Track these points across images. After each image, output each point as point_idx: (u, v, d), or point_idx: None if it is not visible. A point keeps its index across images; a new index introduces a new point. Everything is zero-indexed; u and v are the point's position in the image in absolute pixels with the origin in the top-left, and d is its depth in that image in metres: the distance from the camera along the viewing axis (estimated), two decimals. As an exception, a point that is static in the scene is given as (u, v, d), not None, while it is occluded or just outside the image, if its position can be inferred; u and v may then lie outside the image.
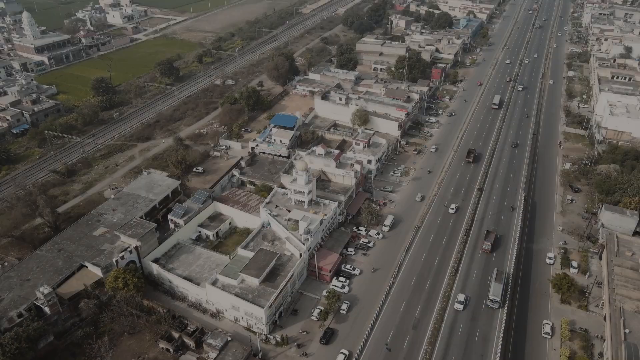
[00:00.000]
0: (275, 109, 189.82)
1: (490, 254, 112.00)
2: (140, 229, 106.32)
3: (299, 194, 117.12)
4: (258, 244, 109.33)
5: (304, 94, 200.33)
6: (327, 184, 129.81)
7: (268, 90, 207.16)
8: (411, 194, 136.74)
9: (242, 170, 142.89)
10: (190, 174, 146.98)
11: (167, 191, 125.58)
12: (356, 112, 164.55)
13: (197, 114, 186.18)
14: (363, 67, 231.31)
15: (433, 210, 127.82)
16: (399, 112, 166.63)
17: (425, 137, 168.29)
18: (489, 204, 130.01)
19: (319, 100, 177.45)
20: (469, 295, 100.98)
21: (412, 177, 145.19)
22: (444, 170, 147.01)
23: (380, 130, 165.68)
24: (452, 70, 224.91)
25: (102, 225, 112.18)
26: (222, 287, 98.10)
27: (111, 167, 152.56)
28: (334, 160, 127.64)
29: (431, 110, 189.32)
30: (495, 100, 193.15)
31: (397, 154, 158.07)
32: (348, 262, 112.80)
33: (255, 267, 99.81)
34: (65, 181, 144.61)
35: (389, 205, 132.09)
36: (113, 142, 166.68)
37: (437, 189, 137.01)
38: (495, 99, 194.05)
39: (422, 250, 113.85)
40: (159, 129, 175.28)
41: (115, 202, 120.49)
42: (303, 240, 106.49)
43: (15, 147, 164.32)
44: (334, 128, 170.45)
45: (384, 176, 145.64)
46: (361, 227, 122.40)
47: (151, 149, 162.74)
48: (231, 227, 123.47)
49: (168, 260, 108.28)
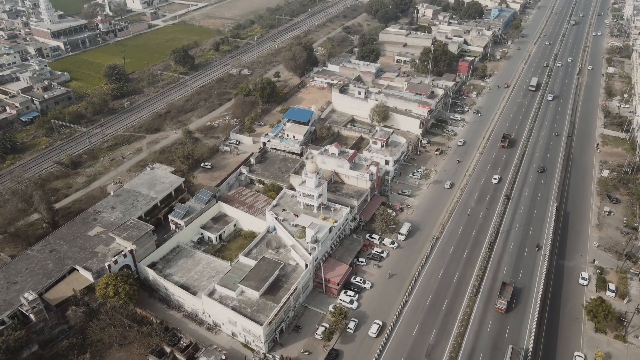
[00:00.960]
0: (291, 101, 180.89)
1: (505, 312, 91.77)
2: (136, 231, 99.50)
3: (308, 197, 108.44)
4: (261, 252, 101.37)
5: (322, 86, 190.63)
6: (340, 186, 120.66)
7: (285, 82, 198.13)
8: (431, 198, 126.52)
9: (251, 168, 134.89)
10: (197, 169, 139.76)
11: (169, 189, 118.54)
12: (375, 108, 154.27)
13: (210, 105, 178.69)
14: (386, 58, 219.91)
15: (454, 218, 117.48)
16: (421, 108, 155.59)
17: (449, 136, 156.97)
18: (516, 214, 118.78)
19: (336, 94, 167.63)
20: (491, 320, 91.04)
21: (432, 180, 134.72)
22: (467, 174, 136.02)
23: (400, 127, 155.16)
24: (481, 64, 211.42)
25: (98, 224, 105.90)
26: (220, 298, 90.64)
27: (117, 159, 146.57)
28: (347, 161, 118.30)
29: (456, 106, 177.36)
30: (532, 82, 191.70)
31: (418, 154, 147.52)
32: (359, 273, 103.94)
33: (256, 278, 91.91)
34: (69, 173, 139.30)
35: (406, 211, 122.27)
36: (121, 133, 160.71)
37: (460, 194, 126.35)
38: (533, 81, 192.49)
39: (440, 264, 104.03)
40: (169, 120, 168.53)
41: (114, 199, 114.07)
42: (310, 250, 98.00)
43: (23, 135, 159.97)
44: (352, 124, 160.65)
45: (403, 178, 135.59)
46: (375, 235, 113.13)
47: (160, 141, 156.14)
48: (236, 230, 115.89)
49: (166, 265, 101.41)
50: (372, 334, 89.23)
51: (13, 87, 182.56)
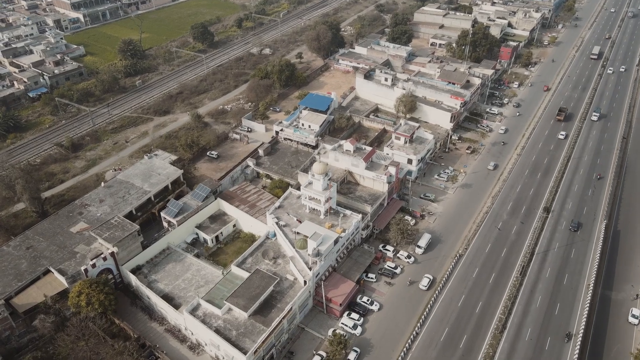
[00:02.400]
0: (311, 86, 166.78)
1: None
2: (120, 231, 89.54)
3: (314, 201, 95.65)
4: (257, 261, 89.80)
5: (347, 69, 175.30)
6: (353, 187, 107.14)
7: (307, 63, 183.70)
8: (457, 205, 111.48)
9: (259, 160, 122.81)
10: (202, 158, 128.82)
11: (166, 182, 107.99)
12: (401, 97, 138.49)
13: (225, 86, 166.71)
14: (419, 41, 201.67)
15: (482, 232, 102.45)
16: (453, 100, 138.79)
17: (483, 133, 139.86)
18: (556, 232, 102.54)
19: (360, 80, 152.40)
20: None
21: (461, 182, 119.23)
22: (500, 178, 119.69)
23: (428, 120, 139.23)
24: (526, 50, 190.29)
25: (83, 219, 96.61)
26: (204, 315, 79.90)
27: (120, 143, 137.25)
28: (363, 160, 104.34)
29: (494, 98, 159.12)
30: (594, 51, 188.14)
31: (446, 151, 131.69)
32: (366, 291, 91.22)
33: (245, 294, 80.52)
34: (68, 156, 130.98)
35: (428, 219, 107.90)
36: (129, 114, 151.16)
37: (491, 203, 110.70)
38: (595, 50, 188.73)
39: (461, 288, 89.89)
40: (180, 101, 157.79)
41: (104, 191, 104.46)
42: (310, 264, 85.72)
43: (29, 112, 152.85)
44: (375, 114, 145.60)
45: (427, 179, 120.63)
46: (389, 247, 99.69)
47: (167, 124, 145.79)
48: (235, 231, 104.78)
49: (152, 269, 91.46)
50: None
51: (25, 60, 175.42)
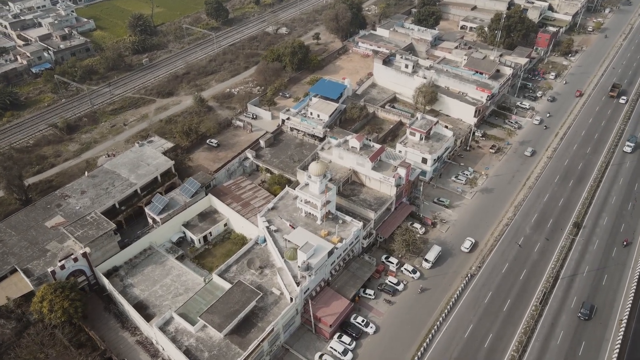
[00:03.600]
0: (326, 70, 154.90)
1: None
2: (94, 230, 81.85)
3: (310, 205, 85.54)
4: (242, 270, 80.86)
5: (366, 53, 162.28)
6: (358, 189, 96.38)
7: (324, 45, 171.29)
8: (474, 213, 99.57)
9: (260, 152, 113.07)
10: (201, 147, 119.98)
11: (154, 173, 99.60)
12: (421, 87, 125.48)
13: (235, 68, 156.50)
14: (449, 23, 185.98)
15: (500, 247, 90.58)
16: (479, 91, 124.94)
17: (511, 130, 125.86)
18: (587, 253, 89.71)
19: (379, 65, 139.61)
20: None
21: (480, 187, 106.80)
22: (526, 184, 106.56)
23: (450, 114, 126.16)
24: (567, 37, 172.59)
25: (60, 212, 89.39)
26: (175, 332, 71.82)
27: (118, 126, 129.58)
28: (369, 160, 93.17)
29: (527, 90, 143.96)
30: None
31: (468, 149, 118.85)
32: (363, 309, 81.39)
33: (223, 310, 71.84)
34: (63, 138, 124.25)
35: (440, 228, 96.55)
36: (131, 95, 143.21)
37: (513, 213, 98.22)
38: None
39: (470, 315, 78.92)
40: (186, 82, 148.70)
41: (87, 181, 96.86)
42: (299, 278, 76.26)
43: (30, 89, 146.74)
44: (391, 104, 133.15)
45: (443, 181, 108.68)
46: (393, 259, 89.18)
47: (169, 107, 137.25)
48: (226, 231, 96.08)
49: (130, 272, 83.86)
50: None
51: (33, 33, 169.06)
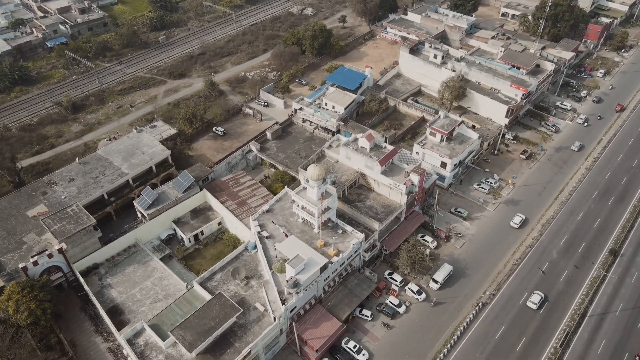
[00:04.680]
0: (349, 56, 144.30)
1: None
2: (72, 224, 76.29)
3: (307, 212, 77.03)
4: (226, 279, 73.64)
5: (394, 39, 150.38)
6: (365, 195, 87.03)
7: (350, 29, 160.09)
8: (495, 228, 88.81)
9: (265, 145, 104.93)
10: (206, 134, 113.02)
11: (149, 163, 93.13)
12: (448, 81, 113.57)
13: (253, 50, 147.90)
14: (489, 9, 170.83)
15: (521, 272, 79.87)
16: (514, 89, 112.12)
17: (547, 133, 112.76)
18: (622, 287, 77.79)
19: (405, 54, 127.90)
20: None
21: (505, 197, 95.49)
22: (559, 198, 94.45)
23: (479, 112, 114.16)
24: (621, 30, 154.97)
25: (45, 201, 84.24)
26: (144, 346, 65.62)
27: (125, 107, 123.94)
28: (379, 163, 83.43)
29: (570, 88, 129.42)
30: None
31: (495, 153, 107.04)
32: (357, 331, 73.06)
33: (197, 326, 64.95)
34: (67, 118, 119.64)
35: (454, 242, 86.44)
36: (142, 74, 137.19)
37: (539, 232, 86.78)
38: None
39: (475, 352, 69.13)
40: (200, 64, 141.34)
41: (78, 168, 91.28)
42: (286, 294, 68.46)
43: (42, 64, 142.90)
44: (414, 99, 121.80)
45: (464, 188, 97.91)
46: (396, 276, 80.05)
47: (180, 89, 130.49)
48: (220, 230, 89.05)
49: (110, 271, 78.15)
50: None
51: (54, 5, 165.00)
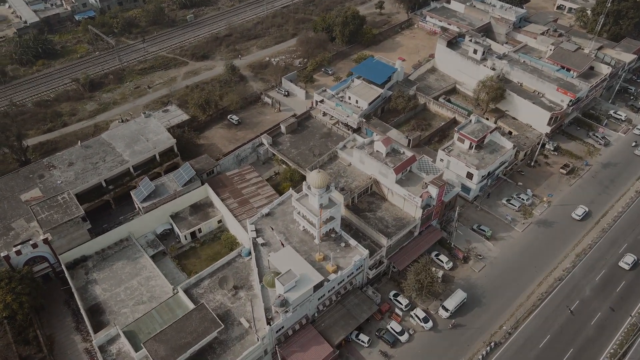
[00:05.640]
0: (382, 46, 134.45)
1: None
2: (60, 214, 72.45)
3: (307, 221, 69.92)
4: (214, 288, 67.95)
5: (433, 30, 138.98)
6: (376, 204, 78.82)
7: (387, 16, 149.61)
8: (522, 252, 78.93)
9: (278, 138, 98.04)
10: (220, 122, 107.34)
11: (152, 151, 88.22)
12: (486, 81, 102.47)
13: (281, 34, 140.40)
14: (543, 1, 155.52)
15: (545, 309, 70.02)
16: (560, 93, 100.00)
17: (595, 147, 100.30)
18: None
19: (442, 47, 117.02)
20: None
21: (538, 218, 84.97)
22: (600, 224, 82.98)
23: (518, 117, 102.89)
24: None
25: (40, 184, 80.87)
26: (117, 355, 61.13)
27: (142, 88, 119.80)
28: (394, 171, 74.87)
29: (627, 96, 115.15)
30: None
31: (532, 165, 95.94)
32: (350, 359, 66.00)
33: (173, 339, 59.70)
34: (84, 95, 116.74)
35: (473, 265, 77.35)
36: (165, 54, 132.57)
37: (573, 263, 76.18)
38: None
39: (483, 396, 61.05)
40: (225, 46, 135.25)
41: (79, 152, 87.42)
42: (273, 313, 62.11)
43: (69, 37, 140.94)
44: (446, 97, 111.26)
45: (491, 202, 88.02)
46: (401, 298, 72.16)
47: (201, 72, 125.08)
48: (220, 229, 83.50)
49: (98, 265, 74.16)
50: None
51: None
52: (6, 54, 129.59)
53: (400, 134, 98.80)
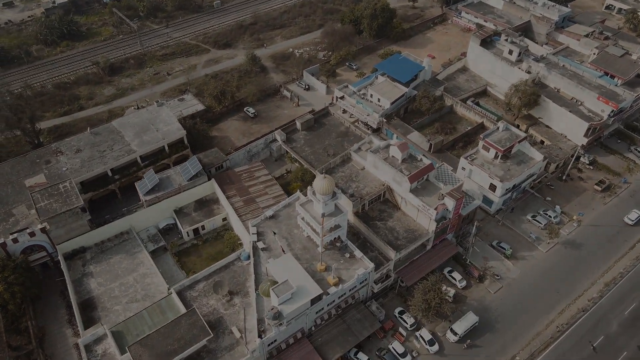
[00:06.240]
0: (412, 41, 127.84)
1: None
2: (59, 203, 70.64)
3: (310, 228, 65.74)
4: (209, 292, 64.79)
5: (468, 26, 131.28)
6: (389, 212, 73.74)
7: (421, 10, 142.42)
8: (543, 276, 72.65)
9: (293, 135, 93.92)
10: (236, 114, 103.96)
11: (160, 142, 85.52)
12: (519, 85, 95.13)
13: (307, 24, 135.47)
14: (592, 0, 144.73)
15: (564, 343, 63.87)
16: (601, 102, 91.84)
17: (636, 162, 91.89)
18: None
19: (475, 45, 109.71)
20: None
21: (565, 238, 78.16)
22: (633, 251, 75.55)
23: (552, 125, 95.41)
24: None
25: (45, 170, 79.37)
26: (101, 357, 58.84)
27: (161, 75, 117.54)
28: (408, 180, 69.58)
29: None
30: None
31: (564, 179, 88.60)
32: (347, 378, 62.10)
33: (158, 345, 56.87)
34: (103, 79, 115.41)
35: (488, 285, 71.69)
36: (188, 40, 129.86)
37: (600, 292, 69.43)
38: None
39: None
40: (248, 34, 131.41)
41: (87, 138, 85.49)
42: (265, 325, 58.50)
43: (95, 19, 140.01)
44: (475, 100, 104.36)
45: (515, 217, 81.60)
46: (406, 316, 67.36)
47: (222, 61, 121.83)
48: (225, 227, 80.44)
49: (96, 257, 72.32)
50: None
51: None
52: (32, 34, 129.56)
53: (421, 137, 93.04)
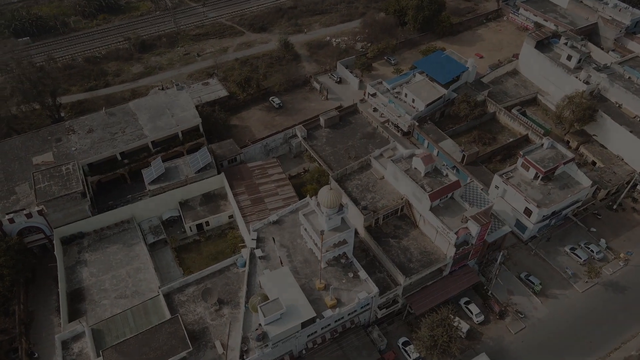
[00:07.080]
0: (460, 38, 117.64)
1: None
2: (59, 186, 67.93)
3: (312, 241, 59.72)
4: (198, 298, 60.32)
5: (525, 25, 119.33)
6: (405, 230, 66.44)
7: (474, 3, 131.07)
8: (576, 320, 63.68)
9: (314, 132, 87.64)
10: (260, 104, 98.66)
11: (174, 129, 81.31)
12: (574, 96, 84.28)
13: (350, 12, 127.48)
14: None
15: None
16: (669, 125, 79.98)
17: (703, 197, 79.86)
18: None
19: (529, 47, 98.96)
20: None
21: (609, 277, 68.40)
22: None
23: (607, 145, 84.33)
24: None
25: (54, 149, 77.04)
26: (77, 356, 55.78)
27: (191, 55, 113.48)
28: (429, 198, 61.93)
29: None
30: None
31: (614, 208, 77.92)
32: (336, 411, 56.35)
33: (133, 354, 52.89)
34: (132, 56, 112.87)
35: (509, 323, 63.57)
36: (223, 21, 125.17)
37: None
38: None
39: None
40: (286, 19, 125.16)
41: (101, 118, 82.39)
42: (249, 345, 53.45)
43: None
44: (521, 109, 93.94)
45: (551, 247, 72.34)
46: (411, 349, 60.51)
47: (254, 45, 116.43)
48: (230, 225, 75.89)
49: (93, 245, 69.69)
50: None
51: None
52: (71, 5, 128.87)
53: (455, 146, 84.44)
